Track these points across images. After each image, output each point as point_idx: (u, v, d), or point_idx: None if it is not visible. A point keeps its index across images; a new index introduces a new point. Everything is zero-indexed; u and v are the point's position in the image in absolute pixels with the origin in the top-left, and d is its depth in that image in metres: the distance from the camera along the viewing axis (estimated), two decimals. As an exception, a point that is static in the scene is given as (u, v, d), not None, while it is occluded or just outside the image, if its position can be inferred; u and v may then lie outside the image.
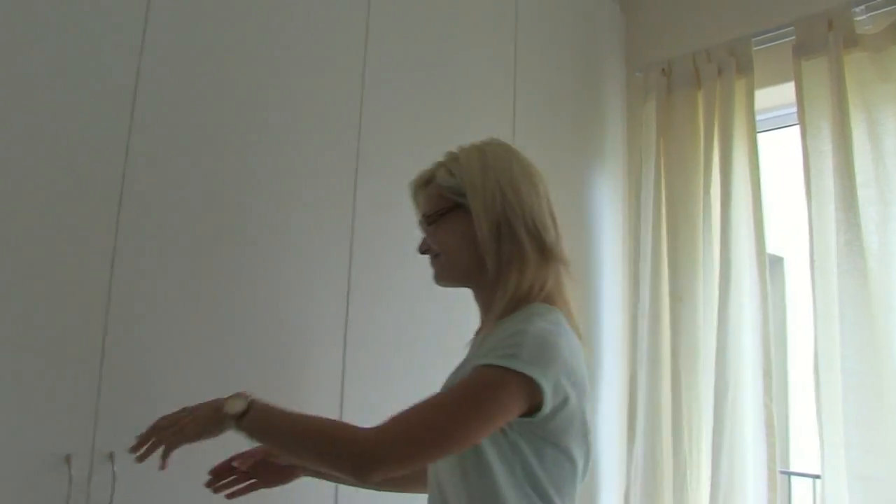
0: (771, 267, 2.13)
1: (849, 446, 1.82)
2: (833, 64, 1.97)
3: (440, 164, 1.33)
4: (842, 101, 1.94)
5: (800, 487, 2.71)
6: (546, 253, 1.24)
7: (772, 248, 2.14)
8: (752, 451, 2.02)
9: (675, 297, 2.19)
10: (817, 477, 1.99)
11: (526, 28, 2.17)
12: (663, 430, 2.18)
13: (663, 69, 2.31)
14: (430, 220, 1.31)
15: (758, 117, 2.17)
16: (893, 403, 1.80)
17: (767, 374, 2.00)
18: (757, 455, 2.01)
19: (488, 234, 1.23)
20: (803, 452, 2.66)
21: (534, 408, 1.10)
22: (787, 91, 2.11)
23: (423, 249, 1.33)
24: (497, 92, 2.07)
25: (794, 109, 2.05)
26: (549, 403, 1.10)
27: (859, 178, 1.91)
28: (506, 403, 1.09)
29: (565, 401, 1.12)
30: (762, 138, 2.17)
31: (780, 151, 2.31)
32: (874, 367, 1.82)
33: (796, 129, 2.05)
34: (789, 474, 2.60)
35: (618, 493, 2.28)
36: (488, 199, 1.25)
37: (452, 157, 1.32)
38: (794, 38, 2.08)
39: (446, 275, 1.31)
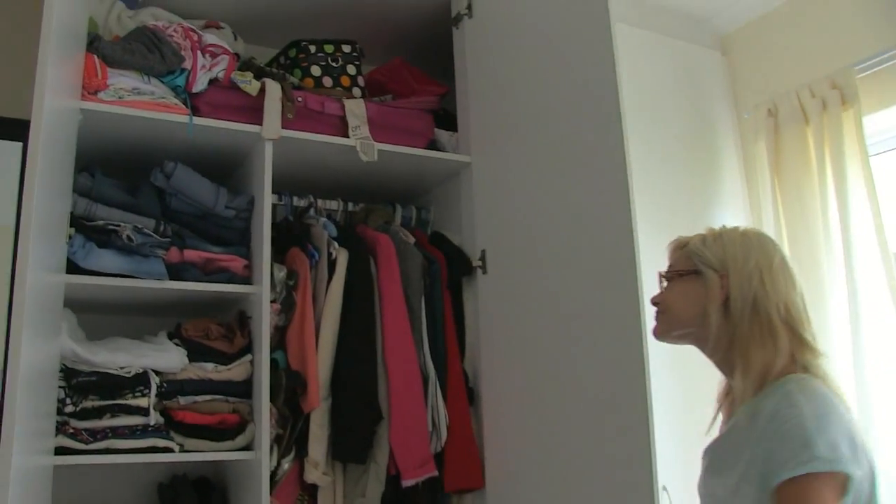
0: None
1: None
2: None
3: (699, 234, 1.63)
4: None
5: None
6: (800, 341, 1.47)
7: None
8: None
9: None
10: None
11: (629, 85, 2.55)
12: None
13: (769, 109, 2.63)
14: (669, 276, 1.62)
15: (870, 140, 2.44)
16: None
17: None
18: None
19: (740, 309, 1.48)
20: None
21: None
22: (897, 112, 2.36)
23: (655, 301, 1.64)
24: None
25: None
26: (856, 482, 1.30)
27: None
28: None
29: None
30: (878, 161, 2.43)
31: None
32: None
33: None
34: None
35: None
36: (746, 278, 1.50)
37: (714, 232, 1.61)
38: (897, 60, 2.34)
39: (662, 330, 1.62)
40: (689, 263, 1.59)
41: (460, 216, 2.36)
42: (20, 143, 2.24)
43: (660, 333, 1.64)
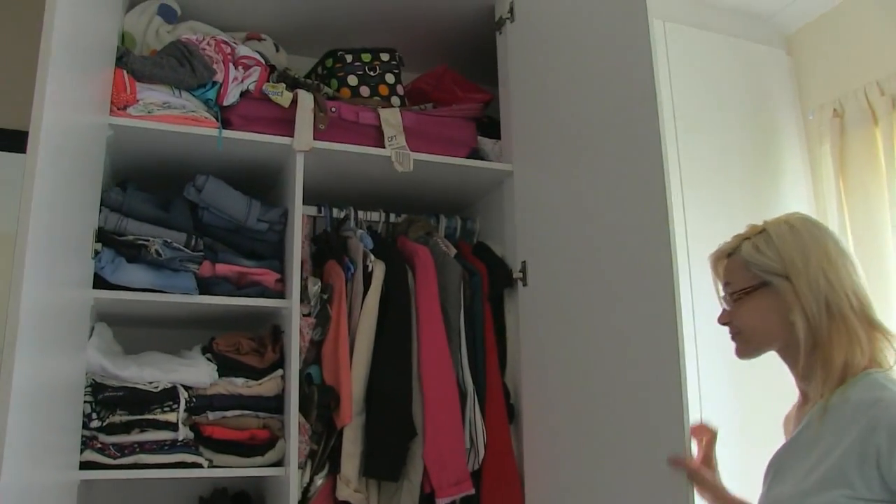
0: None
1: None
2: None
3: (744, 239, 1.52)
4: None
5: None
6: (873, 327, 1.40)
7: None
8: None
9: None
10: None
11: (681, 82, 2.42)
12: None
13: (835, 109, 2.46)
14: (735, 296, 1.51)
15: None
16: None
17: None
18: None
19: (816, 314, 1.39)
20: None
21: None
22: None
23: (724, 322, 1.55)
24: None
25: None
26: None
27: None
28: None
29: None
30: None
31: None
32: None
33: None
34: None
35: None
36: (812, 280, 1.40)
37: (760, 233, 1.50)
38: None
39: (747, 350, 1.52)
40: (751, 277, 1.48)
41: (503, 226, 2.29)
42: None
43: (743, 354, 1.53)
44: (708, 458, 1.61)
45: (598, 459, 1.76)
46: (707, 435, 1.63)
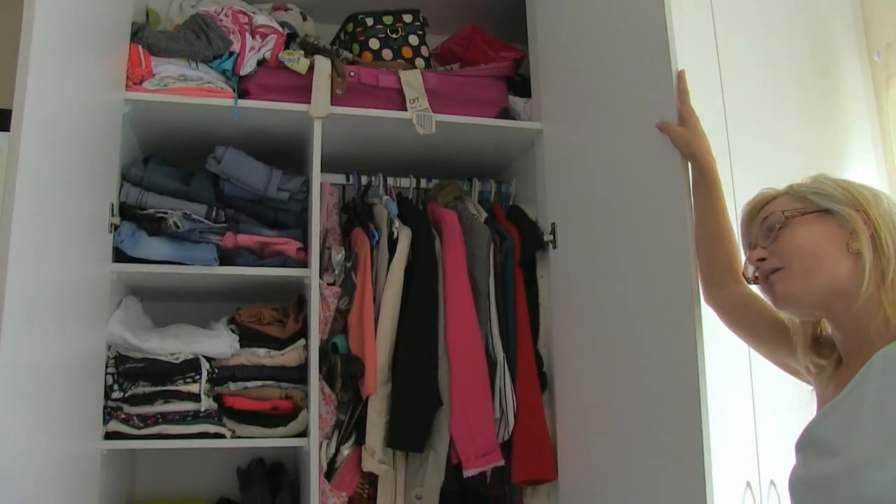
0: None
1: None
2: None
3: (793, 184, 1.36)
4: None
5: None
6: None
7: None
8: None
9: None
10: None
11: (727, 29, 2.30)
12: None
13: (902, 48, 2.30)
14: (781, 221, 1.30)
15: None
16: None
17: None
18: None
19: (889, 244, 1.23)
20: None
21: None
22: None
23: (759, 258, 1.32)
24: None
25: None
26: None
27: None
28: None
29: None
30: None
31: None
32: None
33: None
34: None
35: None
36: (885, 212, 1.26)
37: (807, 179, 1.36)
38: None
39: (789, 290, 1.27)
40: (808, 204, 1.31)
41: (536, 188, 2.24)
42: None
43: (786, 296, 1.29)
44: None
45: (632, 428, 1.71)
46: None
